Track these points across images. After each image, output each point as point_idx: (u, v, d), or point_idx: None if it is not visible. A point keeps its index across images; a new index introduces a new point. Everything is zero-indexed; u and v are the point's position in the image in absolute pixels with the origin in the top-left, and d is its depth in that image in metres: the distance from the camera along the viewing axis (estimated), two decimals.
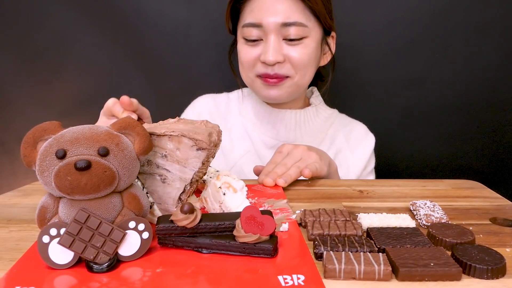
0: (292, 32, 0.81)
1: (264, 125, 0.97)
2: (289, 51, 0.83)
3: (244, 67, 0.89)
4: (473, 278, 0.41)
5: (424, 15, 1.09)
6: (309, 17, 0.83)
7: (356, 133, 1.00)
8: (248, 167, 0.94)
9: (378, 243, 0.46)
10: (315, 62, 0.89)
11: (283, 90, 0.87)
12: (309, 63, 0.86)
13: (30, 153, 0.44)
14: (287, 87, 0.87)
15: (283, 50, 0.83)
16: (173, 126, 0.54)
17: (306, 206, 0.61)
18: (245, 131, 0.98)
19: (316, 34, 0.85)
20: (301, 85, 0.89)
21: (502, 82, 1.14)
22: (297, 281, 0.40)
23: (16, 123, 1.17)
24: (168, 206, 0.53)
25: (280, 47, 0.83)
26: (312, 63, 0.87)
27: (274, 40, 0.82)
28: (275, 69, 0.84)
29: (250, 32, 0.84)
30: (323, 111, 1.00)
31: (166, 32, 1.13)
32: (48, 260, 0.42)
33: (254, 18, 0.83)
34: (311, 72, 0.89)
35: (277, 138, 0.96)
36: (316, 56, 0.88)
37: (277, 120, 0.95)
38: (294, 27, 0.81)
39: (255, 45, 0.85)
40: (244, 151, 0.97)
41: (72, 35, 1.12)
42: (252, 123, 0.98)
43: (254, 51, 0.85)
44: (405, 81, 1.15)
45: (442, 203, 0.62)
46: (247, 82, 0.92)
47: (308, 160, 0.74)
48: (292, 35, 0.82)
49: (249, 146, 0.97)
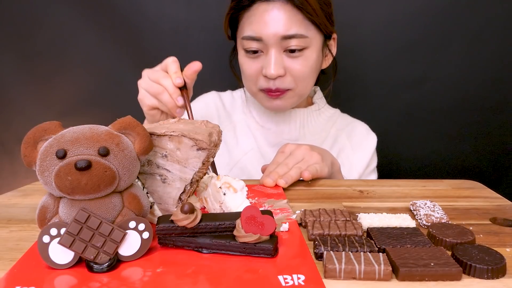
0: (292, 43, 0.81)
1: (267, 124, 0.97)
2: (290, 64, 0.83)
3: (247, 80, 0.89)
4: (473, 278, 0.41)
5: (425, 15, 1.09)
6: (309, 27, 0.82)
7: (358, 133, 1.01)
8: (251, 165, 0.94)
9: (378, 243, 0.46)
10: (317, 70, 0.89)
11: (286, 101, 0.88)
12: (310, 74, 0.86)
13: (30, 153, 0.44)
14: (290, 98, 0.88)
15: (284, 63, 0.83)
16: (173, 126, 0.54)
17: (306, 206, 0.61)
18: (248, 129, 0.99)
19: (317, 43, 0.85)
20: (304, 94, 0.90)
21: (502, 82, 1.14)
22: (297, 281, 0.40)
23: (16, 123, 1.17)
24: (168, 206, 0.53)
25: (281, 60, 0.83)
26: (313, 73, 0.87)
27: (275, 53, 0.82)
28: (277, 83, 0.84)
29: (250, 44, 0.84)
30: (325, 111, 1.00)
31: (166, 32, 1.13)
32: (48, 260, 0.42)
33: (253, 31, 0.82)
34: (312, 81, 0.89)
35: (280, 137, 0.97)
36: (318, 64, 0.88)
37: (280, 119, 0.96)
38: (294, 39, 0.81)
39: (256, 57, 0.85)
40: (248, 149, 0.97)
41: (72, 35, 1.12)
42: (255, 121, 0.99)
43: (256, 64, 0.85)
44: (406, 81, 1.15)
45: (442, 203, 0.62)
46: (250, 93, 0.93)
47: (310, 161, 0.74)
48: (293, 46, 0.81)
49: (252, 144, 0.98)
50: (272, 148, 0.96)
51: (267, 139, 0.97)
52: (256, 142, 0.97)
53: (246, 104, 1.02)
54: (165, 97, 0.73)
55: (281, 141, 0.95)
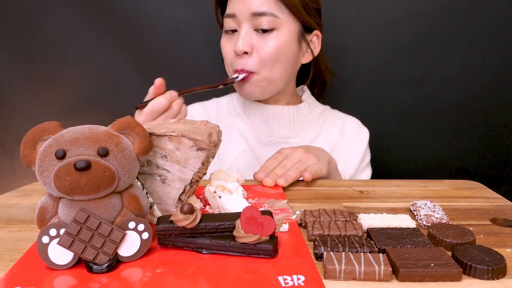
0: (262, 22, 0.82)
1: (257, 123, 0.97)
2: (258, 43, 0.84)
3: (225, 61, 0.91)
4: (474, 278, 0.41)
5: (425, 15, 1.09)
6: (282, 9, 0.83)
7: (350, 128, 1.01)
8: (244, 167, 0.94)
9: (378, 244, 0.46)
10: (287, 58, 0.87)
11: (254, 87, 0.87)
12: (277, 57, 0.85)
13: (29, 153, 0.44)
14: (257, 82, 0.87)
15: (252, 40, 0.84)
16: (173, 126, 0.54)
17: (306, 207, 0.61)
18: (238, 132, 0.98)
19: (290, 27, 0.85)
20: (273, 81, 0.88)
21: (502, 82, 1.14)
22: (297, 282, 0.40)
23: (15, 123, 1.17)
24: (168, 207, 0.53)
25: (250, 37, 0.84)
26: (281, 58, 0.86)
27: (245, 29, 0.84)
28: (241, 63, 0.85)
29: (227, 22, 0.86)
30: (315, 107, 1.00)
31: (166, 32, 1.13)
32: (47, 261, 0.42)
33: (230, 8, 0.86)
34: (281, 68, 0.87)
35: (271, 135, 0.96)
36: (289, 52, 0.87)
37: (270, 117, 0.95)
38: (264, 17, 0.82)
39: (232, 36, 0.87)
40: (239, 151, 0.96)
41: (71, 35, 1.11)
42: (244, 122, 0.98)
43: (231, 43, 0.87)
44: (405, 81, 1.15)
45: (443, 203, 0.62)
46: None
47: (307, 163, 0.74)
48: (263, 25, 0.82)
49: (243, 146, 0.97)
50: (264, 148, 0.95)
51: (258, 139, 0.96)
52: (248, 143, 0.97)
53: (234, 104, 1.01)
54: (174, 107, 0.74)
55: (272, 140, 0.95)
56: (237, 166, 0.95)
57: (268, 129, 0.96)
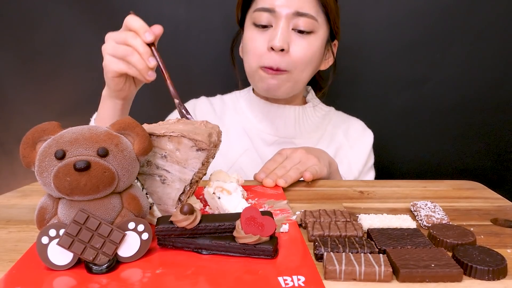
0: (302, 23, 0.82)
1: (262, 122, 0.97)
2: (295, 42, 0.83)
3: (250, 55, 0.88)
4: (474, 279, 0.41)
5: (425, 15, 1.09)
6: (320, 14, 0.84)
7: (355, 130, 1.01)
8: (247, 166, 0.94)
9: (378, 244, 0.46)
10: (316, 62, 0.88)
11: (280, 83, 0.86)
12: (310, 61, 0.86)
13: (29, 153, 0.44)
14: (284, 81, 0.86)
15: (290, 39, 0.83)
16: (173, 126, 0.53)
17: (306, 207, 0.61)
18: (243, 130, 0.98)
19: (323, 33, 0.86)
20: (298, 82, 0.88)
21: (503, 82, 1.14)
22: (297, 282, 0.40)
23: (15, 123, 1.17)
24: (167, 207, 0.53)
25: (289, 35, 0.83)
26: (312, 62, 0.87)
27: (284, 26, 0.82)
28: (277, 61, 0.83)
29: (261, 16, 0.84)
30: (320, 109, 1.00)
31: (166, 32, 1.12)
32: (47, 261, 0.42)
33: (267, 3, 0.83)
34: (309, 71, 0.88)
35: (276, 135, 0.96)
36: (318, 57, 0.88)
37: (276, 116, 0.95)
38: (305, 18, 0.82)
39: (264, 31, 0.85)
40: (242, 149, 0.96)
41: (71, 35, 1.11)
42: (249, 121, 0.98)
43: (262, 37, 0.85)
44: (406, 81, 1.15)
45: (443, 203, 0.62)
46: (248, 72, 0.91)
47: (307, 163, 0.74)
48: (302, 26, 0.82)
49: (247, 145, 0.97)
50: (268, 148, 0.95)
51: (263, 138, 0.96)
52: (252, 142, 0.97)
53: (239, 102, 1.01)
54: (134, 59, 0.65)
55: (277, 140, 0.95)
56: (241, 164, 0.95)
57: (273, 129, 0.96)
